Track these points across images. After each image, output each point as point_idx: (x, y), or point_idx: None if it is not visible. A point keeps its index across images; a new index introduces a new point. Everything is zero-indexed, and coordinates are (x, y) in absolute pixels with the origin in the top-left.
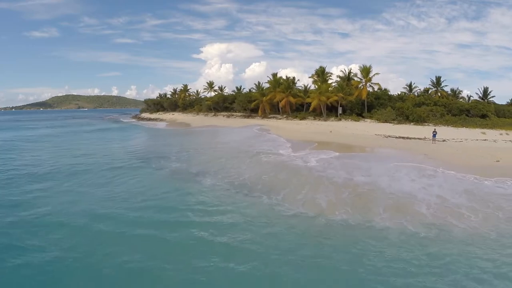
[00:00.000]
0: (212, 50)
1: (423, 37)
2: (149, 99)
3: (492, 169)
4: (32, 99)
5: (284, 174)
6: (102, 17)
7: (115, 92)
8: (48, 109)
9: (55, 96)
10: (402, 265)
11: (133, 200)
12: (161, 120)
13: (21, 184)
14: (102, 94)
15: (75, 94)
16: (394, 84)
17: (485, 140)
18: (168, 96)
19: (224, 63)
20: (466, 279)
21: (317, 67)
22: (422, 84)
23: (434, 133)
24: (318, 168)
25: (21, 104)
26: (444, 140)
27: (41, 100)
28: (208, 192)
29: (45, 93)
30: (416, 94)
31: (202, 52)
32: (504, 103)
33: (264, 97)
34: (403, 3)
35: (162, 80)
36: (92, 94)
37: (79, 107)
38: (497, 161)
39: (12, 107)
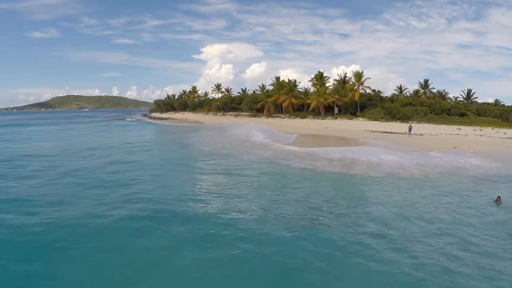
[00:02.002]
0: (212, 50)
1: (423, 37)
2: (159, 99)
3: (445, 152)
4: (32, 100)
5: (292, 154)
6: (102, 17)
7: (115, 93)
8: (49, 109)
9: (56, 97)
10: (364, 190)
11: (193, 163)
12: (174, 119)
13: (121, 153)
14: (103, 94)
15: (76, 94)
16: (394, 84)
17: (457, 134)
18: (176, 97)
19: (224, 63)
20: (398, 195)
21: (317, 69)
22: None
23: (410, 127)
24: (316, 151)
25: (22, 105)
26: (421, 134)
27: (42, 101)
28: (245, 161)
29: (46, 94)
30: (406, 95)
31: (202, 52)
32: (504, 104)
33: (269, 98)
34: (403, 4)
35: (162, 80)
36: (93, 95)
37: (80, 108)
38: (454, 148)
39: (14, 108)
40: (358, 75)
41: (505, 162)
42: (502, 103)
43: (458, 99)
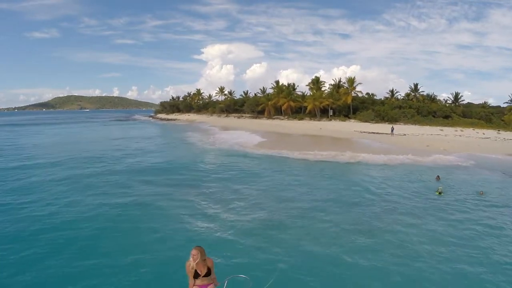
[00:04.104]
0: (212, 51)
1: (423, 38)
2: (165, 101)
3: (417, 149)
4: (33, 100)
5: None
6: (102, 17)
7: (116, 93)
8: (50, 109)
9: (57, 97)
10: (342, 169)
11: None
12: (179, 120)
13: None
14: (103, 95)
15: (76, 95)
16: (394, 84)
17: (438, 135)
18: (181, 98)
19: (225, 64)
20: (364, 174)
21: (318, 70)
22: (422, 85)
23: (392, 128)
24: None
25: (23, 105)
26: (404, 134)
27: (43, 101)
28: (248, 151)
29: (46, 94)
30: (397, 98)
31: (203, 53)
32: (504, 104)
33: (270, 101)
34: (404, 4)
35: (162, 81)
36: (93, 95)
37: (81, 108)
38: (427, 146)
39: (15, 108)
40: (351, 81)
41: (461, 157)
42: (490, 105)
43: (448, 101)
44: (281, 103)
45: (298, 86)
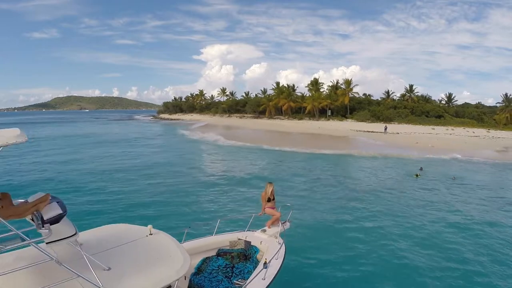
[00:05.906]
0: (212, 51)
1: (423, 38)
2: (168, 102)
3: (407, 146)
4: (33, 100)
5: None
6: (102, 18)
7: (115, 93)
8: (50, 110)
9: (57, 97)
10: (333, 161)
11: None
12: (183, 119)
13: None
14: (103, 95)
15: (76, 95)
16: (394, 85)
17: (429, 133)
18: (183, 99)
19: (224, 64)
20: (355, 164)
21: (318, 70)
22: (422, 85)
23: (385, 127)
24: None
25: (23, 105)
26: (397, 133)
27: (42, 101)
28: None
29: (46, 94)
30: (393, 98)
31: (202, 53)
32: (498, 104)
33: (270, 102)
34: (403, 4)
35: (162, 81)
36: (93, 95)
37: (81, 108)
38: (416, 143)
39: (15, 108)
40: (348, 83)
41: (446, 151)
42: (487, 105)
43: (443, 102)
44: (282, 103)
45: (297, 87)
